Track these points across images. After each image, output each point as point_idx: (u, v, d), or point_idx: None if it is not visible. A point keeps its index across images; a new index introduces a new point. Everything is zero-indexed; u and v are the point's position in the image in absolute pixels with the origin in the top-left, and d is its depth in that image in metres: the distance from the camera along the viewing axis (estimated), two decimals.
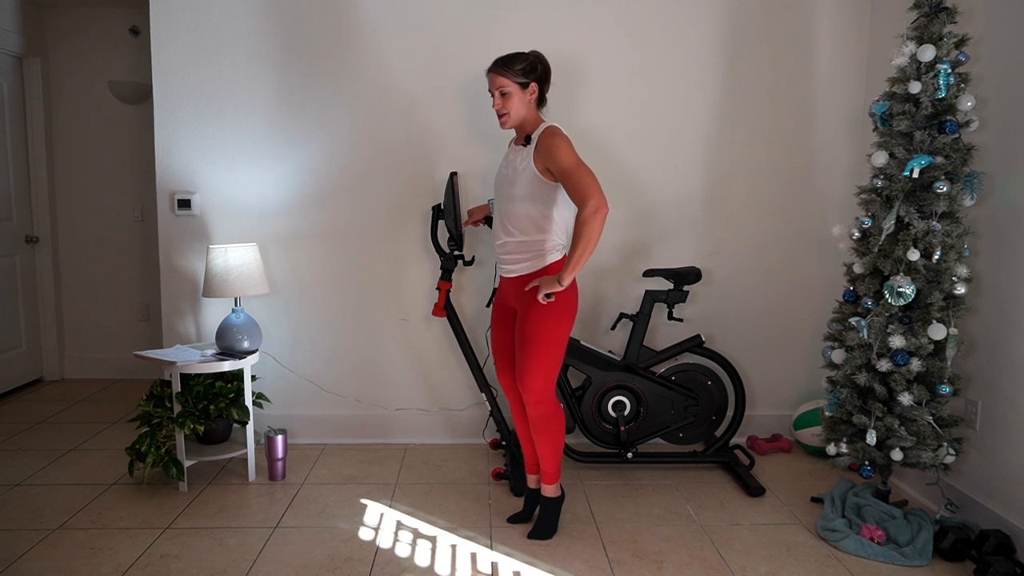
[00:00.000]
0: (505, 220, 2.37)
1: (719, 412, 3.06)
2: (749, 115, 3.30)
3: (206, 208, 3.28)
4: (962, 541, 2.35)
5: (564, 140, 2.22)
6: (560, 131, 2.26)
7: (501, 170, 2.45)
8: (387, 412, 3.42)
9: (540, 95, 2.38)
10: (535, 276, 2.33)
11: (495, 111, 2.38)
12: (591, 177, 2.16)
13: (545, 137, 2.25)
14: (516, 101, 2.32)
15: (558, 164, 2.19)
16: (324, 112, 3.23)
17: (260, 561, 2.32)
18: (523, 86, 2.31)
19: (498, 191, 2.42)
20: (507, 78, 2.30)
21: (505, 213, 2.36)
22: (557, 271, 2.31)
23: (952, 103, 2.34)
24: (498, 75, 2.31)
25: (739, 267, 3.39)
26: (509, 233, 2.36)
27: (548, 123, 2.33)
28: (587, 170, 2.18)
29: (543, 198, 2.29)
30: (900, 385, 2.39)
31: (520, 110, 2.33)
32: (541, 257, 2.33)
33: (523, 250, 2.34)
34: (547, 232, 2.31)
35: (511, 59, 2.32)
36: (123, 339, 4.53)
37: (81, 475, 2.98)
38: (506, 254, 2.39)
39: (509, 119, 2.34)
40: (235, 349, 2.92)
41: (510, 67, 2.30)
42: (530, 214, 2.30)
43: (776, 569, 2.31)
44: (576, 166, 2.18)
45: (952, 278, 2.36)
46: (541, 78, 2.35)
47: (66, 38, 4.33)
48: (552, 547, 2.43)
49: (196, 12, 3.16)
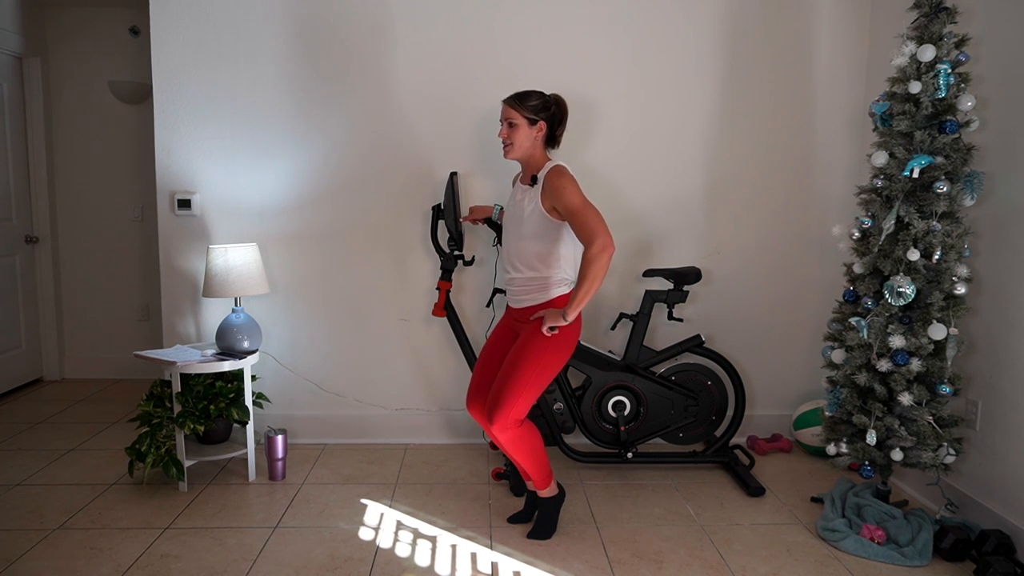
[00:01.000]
0: (513, 257, 2.43)
1: (719, 412, 3.06)
2: (749, 115, 3.30)
3: (206, 208, 3.28)
4: (962, 541, 2.35)
5: (570, 180, 2.27)
6: (566, 171, 2.30)
7: (509, 209, 2.50)
8: (387, 412, 3.42)
9: (551, 135, 2.42)
10: (541, 308, 2.38)
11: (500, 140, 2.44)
12: (597, 217, 2.21)
13: (552, 177, 2.29)
14: (522, 135, 2.36)
15: (565, 204, 2.24)
16: (324, 112, 3.23)
17: (260, 561, 2.32)
18: (531, 122, 2.36)
19: (507, 230, 2.48)
20: (517, 111, 2.35)
21: (514, 251, 2.42)
22: (562, 304, 2.37)
23: (952, 103, 2.34)
24: (509, 107, 2.37)
25: (739, 267, 3.39)
26: (517, 270, 2.42)
27: (554, 162, 2.36)
28: (593, 210, 2.22)
29: (550, 236, 2.35)
30: (900, 385, 2.39)
31: (524, 144, 2.37)
32: (546, 290, 2.38)
33: (530, 284, 2.40)
34: (552, 268, 2.37)
35: (526, 95, 2.38)
36: (123, 339, 4.53)
37: (81, 475, 2.98)
38: (514, 288, 2.46)
39: (512, 150, 2.39)
40: (235, 349, 2.92)
41: (523, 102, 2.36)
42: (538, 252, 2.36)
43: (776, 569, 2.31)
44: (583, 206, 2.22)
45: (952, 278, 2.36)
46: (553, 119, 2.40)
47: (66, 38, 4.32)
48: (552, 547, 2.44)
49: (196, 12, 3.16)
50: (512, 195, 2.53)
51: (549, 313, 2.27)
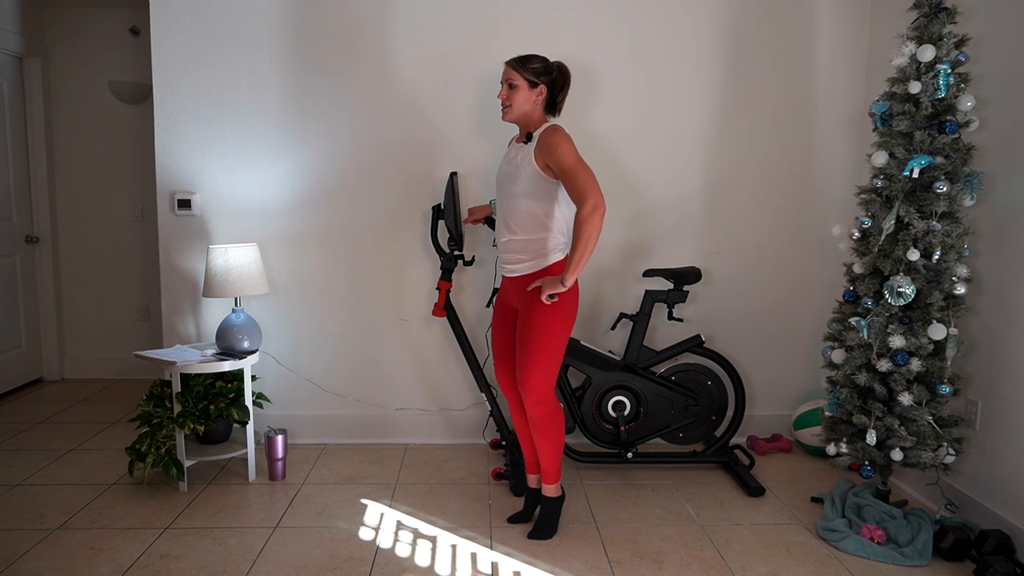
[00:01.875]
0: (507, 218, 2.38)
1: (719, 412, 3.06)
2: (749, 115, 3.30)
3: (206, 208, 3.28)
4: (962, 541, 2.35)
5: (565, 138, 2.24)
6: (562, 129, 2.27)
7: (502, 167, 2.45)
8: (387, 412, 3.42)
9: (551, 100, 2.40)
10: (537, 276, 2.34)
11: (500, 100, 2.42)
12: (590, 176, 2.18)
13: (546, 135, 2.26)
14: (521, 96, 2.34)
15: (558, 162, 2.21)
16: (324, 112, 3.23)
17: (260, 561, 2.32)
18: (532, 84, 2.34)
19: (500, 188, 2.43)
20: (518, 72, 2.33)
21: (507, 211, 2.38)
22: (559, 271, 2.33)
23: (952, 103, 2.34)
24: (511, 68, 2.35)
25: (739, 267, 3.39)
26: (512, 231, 2.37)
27: (552, 122, 2.34)
28: (587, 169, 2.20)
29: (544, 196, 2.30)
30: (900, 385, 2.39)
31: (523, 106, 2.35)
32: (544, 256, 2.34)
33: (526, 249, 2.36)
34: (549, 230, 2.33)
35: (529, 57, 2.35)
36: (123, 339, 4.53)
37: (81, 475, 2.98)
38: (508, 252, 2.40)
39: (511, 112, 2.37)
40: (235, 349, 2.92)
41: (524, 64, 2.34)
42: (532, 211, 2.32)
43: (776, 569, 2.31)
44: (576, 164, 2.20)
45: (952, 278, 2.36)
46: (554, 84, 2.38)
47: (66, 38, 4.32)
48: (552, 547, 2.43)
49: (196, 12, 3.16)
50: (506, 153, 2.49)
51: (547, 281, 2.25)
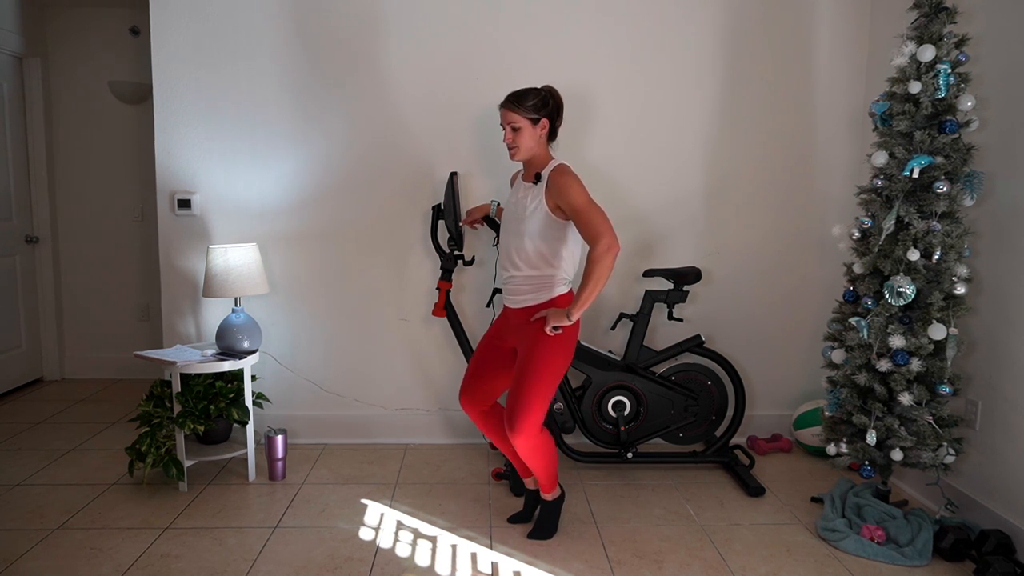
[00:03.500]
0: (513, 255, 2.38)
1: (719, 412, 3.06)
2: (749, 115, 3.30)
3: (206, 208, 3.28)
4: (962, 541, 2.35)
5: (575, 179, 2.25)
6: (570, 169, 2.28)
7: (509, 206, 2.47)
8: (387, 412, 3.42)
9: (551, 130, 2.40)
10: (542, 308, 2.35)
11: (505, 145, 2.42)
12: (602, 216, 2.20)
13: (556, 176, 2.26)
14: (526, 136, 2.34)
15: (570, 203, 2.22)
16: (324, 112, 3.23)
17: (260, 561, 2.32)
18: (534, 122, 2.33)
19: (506, 227, 2.44)
20: (518, 113, 2.32)
21: (514, 248, 2.38)
22: (563, 304, 2.35)
23: (952, 103, 2.34)
24: (509, 110, 2.33)
25: (739, 267, 3.39)
26: (517, 267, 2.38)
27: (557, 161, 2.35)
28: (598, 209, 2.21)
29: (553, 235, 2.32)
30: (900, 385, 2.39)
31: (530, 145, 2.35)
32: (548, 290, 2.35)
33: (530, 283, 2.37)
34: (556, 267, 2.34)
35: (523, 95, 2.34)
36: (123, 339, 4.53)
37: (81, 475, 2.98)
38: (513, 286, 2.41)
39: (519, 153, 2.36)
40: (235, 349, 2.92)
41: (521, 103, 2.32)
42: (539, 250, 2.33)
43: (776, 569, 2.31)
44: (588, 205, 2.21)
45: (952, 278, 2.36)
46: (552, 114, 2.38)
47: (66, 38, 4.32)
48: (552, 547, 2.44)
49: (196, 12, 3.16)
50: (513, 192, 2.50)
51: (552, 313, 2.26)
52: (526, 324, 2.37)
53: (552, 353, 2.31)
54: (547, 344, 2.30)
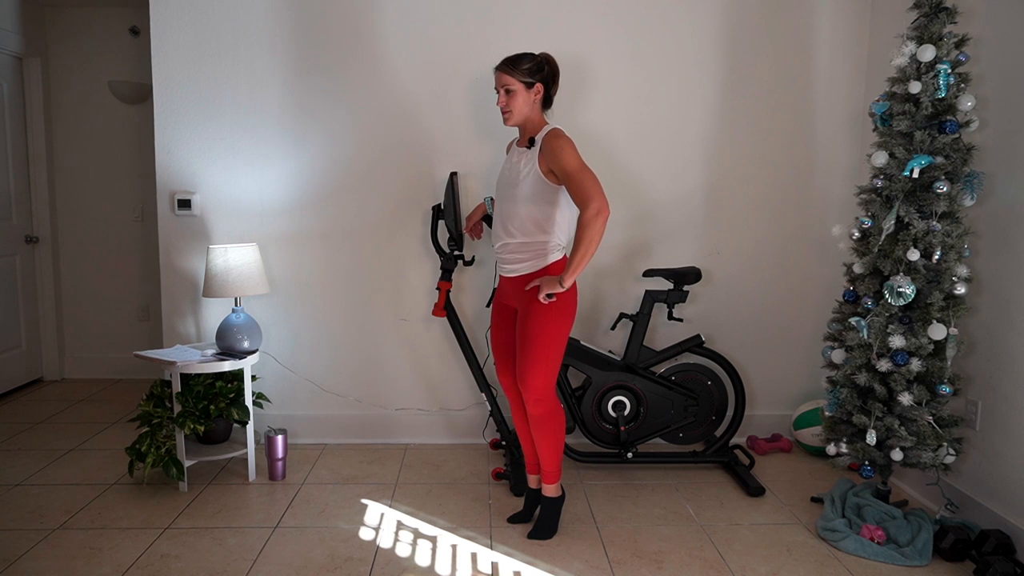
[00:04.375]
0: (506, 221, 2.38)
1: (719, 412, 3.06)
2: (749, 115, 3.30)
3: (206, 208, 3.28)
4: (962, 541, 2.35)
5: (568, 142, 2.24)
6: (563, 133, 2.28)
7: (503, 172, 2.46)
8: (387, 412, 3.42)
9: (546, 96, 2.40)
10: (536, 276, 2.34)
11: (499, 108, 2.41)
12: (594, 180, 2.19)
13: (549, 139, 2.27)
14: (520, 100, 2.34)
15: (562, 166, 2.21)
16: (325, 112, 3.23)
17: (260, 561, 2.32)
18: (528, 85, 2.34)
19: (500, 192, 2.44)
20: (513, 76, 2.33)
21: (507, 214, 2.37)
22: (558, 271, 2.34)
23: (952, 103, 2.34)
24: (504, 73, 2.34)
25: (739, 267, 3.39)
26: (510, 234, 2.37)
27: (552, 125, 2.35)
28: (590, 173, 2.20)
29: (546, 199, 2.31)
30: (900, 385, 2.39)
31: (523, 109, 2.35)
32: (542, 257, 2.35)
33: (524, 250, 2.36)
34: (549, 233, 2.33)
35: (518, 58, 2.34)
36: (123, 339, 4.53)
37: (81, 475, 2.98)
38: (506, 254, 2.41)
39: (512, 117, 2.36)
40: (235, 349, 2.92)
41: (516, 66, 2.33)
42: (532, 215, 2.32)
43: (776, 569, 2.31)
44: (580, 169, 2.20)
45: (952, 278, 2.36)
46: (547, 79, 2.38)
47: (66, 38, 4.32)
48: (552, 547, 2.43)
49: (196, 12, 3.16)
50: (507, 158, 2.49)
51: (545, 281, 2.25)
52: (522, 292, 2.37)
53: (550, 319, 2.30)
54: (545, 310, 2.30)
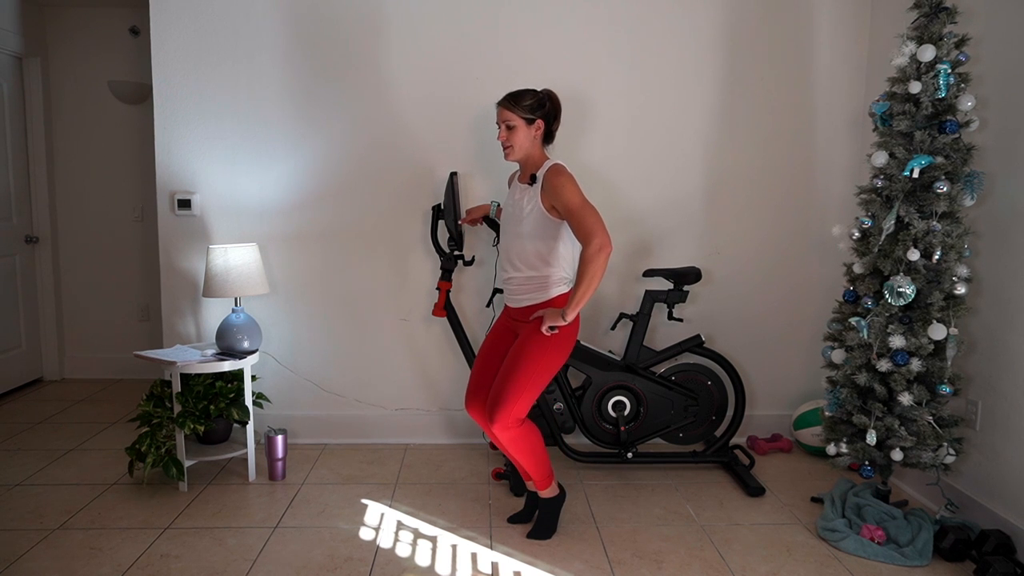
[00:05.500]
0: (512, 256, 2.41)
1: (719, 412, 3.06)
2: (749, 115, 3.30)
3: (206, 208, 3.28)
4: (962, 541, 2.35)
5: (569, 179, 2.27)
6: (565, 170, 2.31)
7: (507, 209, 2.49)
8: (387, 412, 3.42)
9: (547, 132, 2.42)
10: (540, 307, 2.37)
11: (500, 143, 2.43)
12: (596, 216, 2.21)
13: (551, 176, 2.29)
14: (521, 136, 2.36)
15: (564, 203, 2.24)
16: (324, 112, 3.23)
17: (260, 561, 2.32)
18: (529, 122, 2.36)
19: (505, 229, 2.47)
20: (514, 112, 2.35)
21: (512, 250, 2.41)
22: (562, 303, 2.37)
23: (952, 103, 2.34)
24: (505, 109, 2.36)
25: (739, 267, 3.39)
26: (516, 268, 2.41)
27: (552, 161, 2.37)
28: (592, 209, 2.23)
29: (550, 235, 2.34)
30: (900, 385, 2.39)
31: (524, 144, 2.37)
32: (546, 290, 2.38)
33: (529, 283, 2.40)
34: (552, 266, 2.37)
35: (520, 94, 2.37)
36: (123, 339, 4.53)
37: (81, 475, 2.98)
38: (512, 286, 2.45)
39: (513, 152, 2.39)
40: (235, 349, 2.92)
41: (518, 102, 2.35)
42: (537, 250, 2.35)
43: (776, 569, 2.31)
44: (582, 206, 2.22)
45: (952, 278, 2.36)
46: (549, 116, 2.40)
47: (66, 38, 4.32)
48: (552, 547, 2.44)
49: (196, 12, 3.16)
50: (510, 194, 2.53)
51: (548, 313, 2.27)
52: (525, 321, 2.41)
53: (545, 349, 2.32)
54: (542, 340, 2.32)
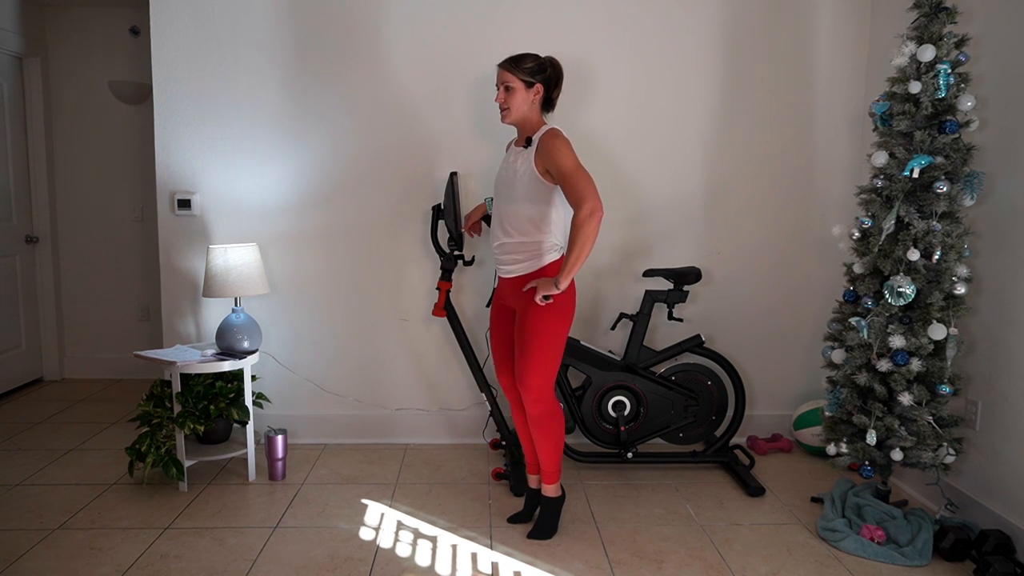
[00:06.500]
0: (504, 221, 2.39)
1: (719, 412, 3.06)
2: (749, 115, 3.30)
3: (206, 208, 3.28)
4: (962, 541, 2.35)
5: (565, 143, 2.25)
6: (561, 133, 2.29)
7: (501, 172, 2.47)
8: (387, 412, 3.42)
9: (547, 98, 2.41)
10: (533, 276, 2.35)
11: (497, 104, 2.42)
12: (588, 180, 2.19)
13: (546, 139, 2.27)
14: (519, 98, 2.35)
15: (558, 166, 2.22)
16: (325, 112, 3.23)
17: (260, 561, 2.32)
18: (528, 85, 2.35)
19: (498, 192, 2.45)
20: (513, 74, 2.34)
21: (504, 214, 2.39)
22: (554, 271, 2.34)
23: (952, 103, 2.34)
24: (505, 70, 2.36)
25: (739, 267, 3.39)
26: (508, 234, 2.38)
27: (549, 125, 2.36)
28: (585, 174, 2.21)
29: (542, 199, 2.32)
30: (900, 385, 2.39)
31: (521, 107, 2.36)
32: (539, 257, 2.35)
33: (521, 250, 2.37)
34: (545, 232, 2.34)
35: (521, 57, 2.36)
36: (123, 339, 4.53)
37: (81, 475, 2.98)
38: (504, 254, 2.41)
39: (510, 114, 2.38)
40: (235, 349, 2.92)
41: (518, 64, 2.34)
42: (529, 215, 2.33)
43: (776, 569, 2.31)
44: (575, 169, 2.21)
45: (952, 278, 2.36)
46: (549, 81, 2.39)
47: (66, 38, 4.32)
48: (552, 547, 2.43)
49: (196, 12, 3.16)
50: (505, 158, 2.51)
51: (541, 282, 2.26)
52: (519, 292, 2.38)
53: (548, 319, 2.31)
54: (543, 311, 2.31)
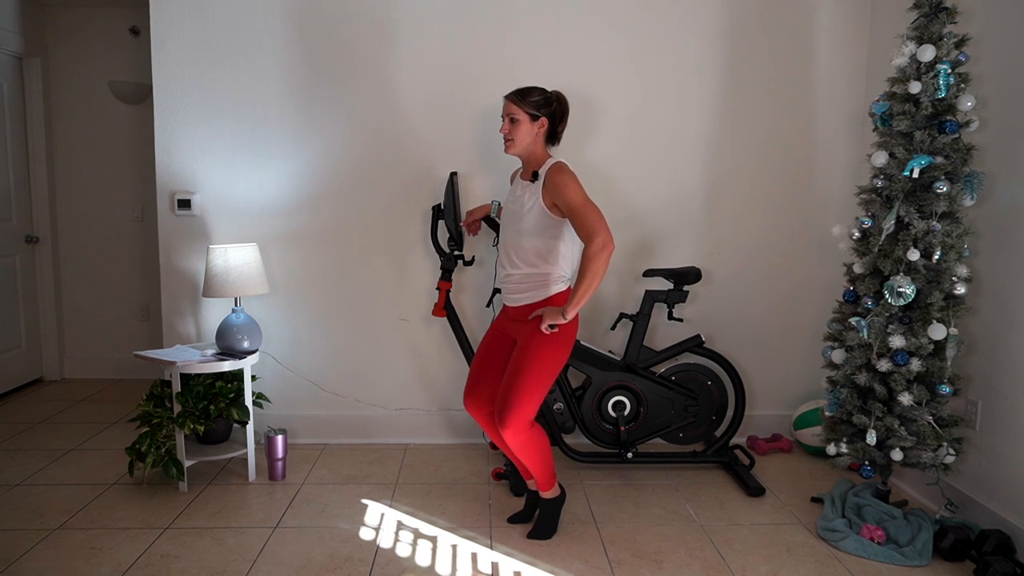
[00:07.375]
0: (512, 253, 2.40)
1: (719, 412, 3.06)
2: (749, 115, 3.30)
3: (206, 208, 3.28)
4: (962, 541, 2.35)
5: (572, 177, 2.27)
6: (567, 167, 2.30)
7: (508, 205, 2.48)
8: (387, 412, 3.42)
9: (552, 132, 2.43)
10: (539, 306, 2.36)
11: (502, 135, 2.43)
12: (598, 215, 2.21)
13: (553, 174, 2.28)
14: (523, 130, 2.36)
15: (566, 201, 2.23)
16: (324, 112, 3.23)
17: (260, 561, 2.32)
18: (533, 118, 2.36)
19: (505, 225, 2.46)
20: (519, 106, 2.35)
21: (512, 246, 2.40)
22: (561, 302, 2.36)
23: (952, 103, 2.34)
24: (511, 102, 2.37)
25: (739, 267, 3.39)
26: (515, 266, 2.39)
27: (555, 159, 2.36)
28: (594, 207, 2.23)
29: (550, 233, 2.34)
30: (900, 385, 2.39)
31: (525, 140, 2.37)
32: (545, 287, 2.37)
33: (528, 281, 2.38)
34: (552, 264, 2.36)
35: (528, 91, 2.37)
36: (123, 339, 4.53)
37: (81, 475, 2.98)
38: (510, 284, 2.43)
39: (513, 145, 2.39)
40: (235, 349, 2.92)
41: (524, 97, 2.36)
42: (537, 248, 2.35)
43: (776, 569, 2.31)
44: (584, 203, 2.22)
45: (952, 278, 2.36)
46: (554, 116, 2.40)
47: (66, 38, 4.32)
48: (552, 547, 2.44)
49: (196, 12, 3.16)
50: (511, 191, 2.52)
51: (548, 311, 2.27)
52: (524, 321, 2.39)
53: (548, 349, 2.32)
54: (543, 340, 2.31)
